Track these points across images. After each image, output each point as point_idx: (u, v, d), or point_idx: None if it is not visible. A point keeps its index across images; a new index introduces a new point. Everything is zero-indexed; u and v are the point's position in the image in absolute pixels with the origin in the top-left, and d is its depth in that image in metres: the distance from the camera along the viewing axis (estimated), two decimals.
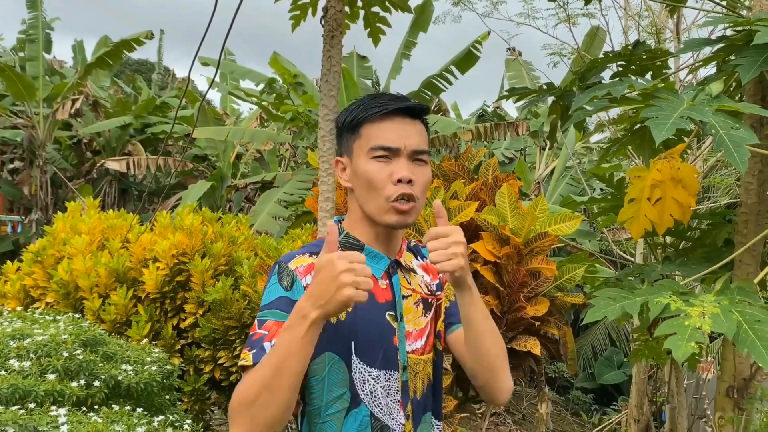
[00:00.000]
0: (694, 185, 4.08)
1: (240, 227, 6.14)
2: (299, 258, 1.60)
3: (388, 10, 4.39)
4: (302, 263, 1.58)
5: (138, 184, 14.64)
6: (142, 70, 29.74)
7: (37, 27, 13.05)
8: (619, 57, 4.44)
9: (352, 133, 1.63)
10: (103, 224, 5.69)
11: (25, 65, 13.07)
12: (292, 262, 1.59)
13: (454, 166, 4.30)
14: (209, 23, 3.45)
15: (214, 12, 3.35)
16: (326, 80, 3.59)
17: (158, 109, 13.96)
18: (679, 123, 2.79)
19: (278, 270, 1.58)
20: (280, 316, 1.50)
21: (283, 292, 1.55)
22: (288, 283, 1.56)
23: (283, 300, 1.53)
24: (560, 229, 3.87)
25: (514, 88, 4.67)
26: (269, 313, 1.52)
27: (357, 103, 1.64)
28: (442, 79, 9.75)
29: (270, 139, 10.72)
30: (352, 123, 1.62)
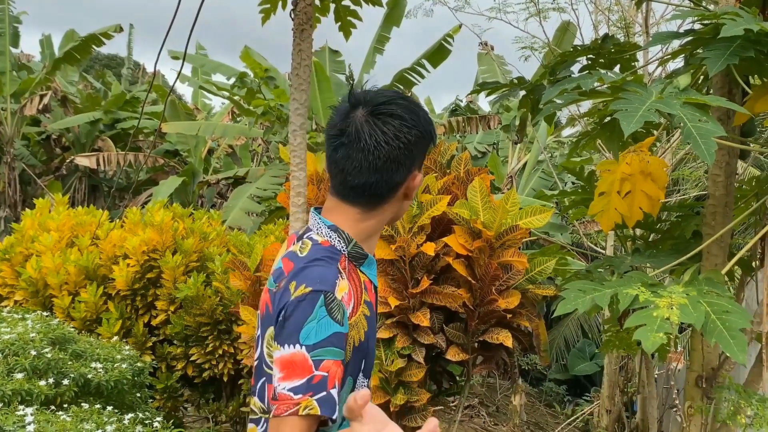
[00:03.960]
0: (663, 178, 4.14)
1: (212, 223, 6.10)
2: (339, 284, 1.44)
3: (359, 3, 4.37)
4: (344, 290, 1.45)
5: (108, 181, 14.47)
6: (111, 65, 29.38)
7: (4, 21, 12.81)
8: (588, 51, 4.47)
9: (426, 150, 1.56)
10: (72, 221, 5.62)
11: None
12: (337, 291, 1.43)
13: (427, 160, 4.30)
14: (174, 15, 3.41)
15: (179, 4, 3.32)
16: (297, 74, 3.57)
17: (128, 104, 13.80)
18: (647, 116, 2.82)
19: (326, 301, 1.39)
20: (338, 354, 1.38)
21: (338, 327, 1.39)
22: (340, 316, 1.40)
23: (338, 336, 1.39)
24: (531, 222, 3.89)
25: (486, 82, 4.68)
26: (325, 351, 1.36)
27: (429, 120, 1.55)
28: (415, 73, 9.74)
29: (242, 133, 10.65)
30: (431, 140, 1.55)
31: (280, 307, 1.40)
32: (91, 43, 11.90)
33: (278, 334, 1.40)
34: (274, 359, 1.39)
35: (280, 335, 1.39)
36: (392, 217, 1.59)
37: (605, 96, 3.27)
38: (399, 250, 3.78)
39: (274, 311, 1.44)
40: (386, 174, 1.47)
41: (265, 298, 1.52)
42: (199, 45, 14.93)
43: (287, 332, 1.37)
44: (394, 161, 1.46)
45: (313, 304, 1.37)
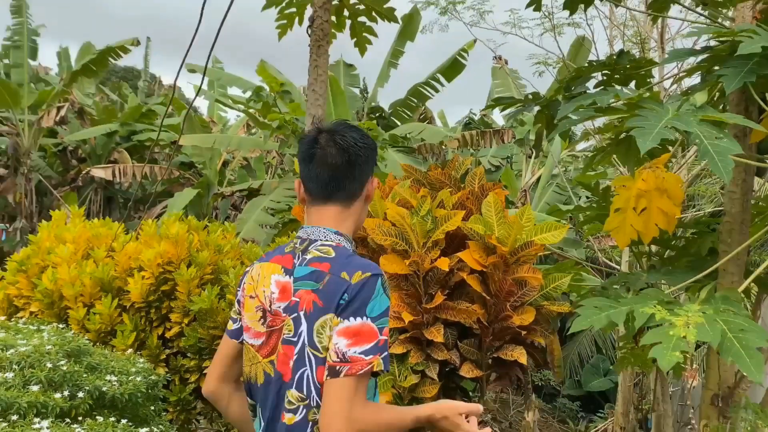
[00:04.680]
0: (679, 195, 4.12)
1: (226, 235, 6.11)
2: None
3: (375, 20, 4.41)
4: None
5: (124, 192, 14.55)
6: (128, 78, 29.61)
7: (23, 33, 12.97)
8: (603, 66, 4.46)
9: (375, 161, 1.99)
10: (89, 233, 5.64)
11: (9, 72, 12.99)
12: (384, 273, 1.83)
13: (441, 174, 4.31)
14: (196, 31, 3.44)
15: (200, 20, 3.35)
16: (313, 89, 3.60)
17: (144, 116, 13.89)
18: (663, 133, 2.82)
19: (382, 282, 1.77)
20: (388, 323, 1.77)
21: (388, 302, 1.79)
22: (389, 294, 1.81)
23: (389, 309, 1.79)
24: (546, 238, 3.88)
25: (501, 97, 4.69)
26: (384, 321, 1.74)
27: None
28: (429, 87, 9.78)
29: (257, 146, 10.69)
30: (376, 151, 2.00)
31: (341, 291, 1.72)
32: (109, 56, 12.02)
33: (343, 311, 1.71)
34: (340, 330, 1.71)
35: (345, 311, 1.71)
36: (359, 219, 1.97)
37: (621, 112, 3.26)
38: (413, 265, 3.78)
39: (329, 301, 1.73)
40: (358, 169, 1.88)
41: (307, 298, 1.76)
42: (216, 58, 15.06)
43: (354, 308, 1.71)
44: (363, 159, 1.89)
45: (374, 284, 1.74)
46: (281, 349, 1.81)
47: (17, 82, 12.56)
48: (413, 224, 3.78)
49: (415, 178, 4.37)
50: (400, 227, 3.83)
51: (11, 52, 13.02)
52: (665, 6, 4.84)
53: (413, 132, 9.21)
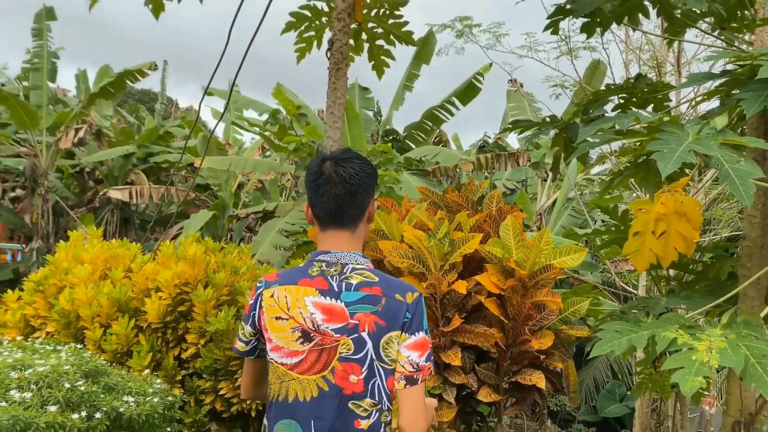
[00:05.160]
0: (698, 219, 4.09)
1: (242, 257, 6.12)
2: None
3: (393, 43, 4.44)
4: None
5: (140, 213, 14.63)
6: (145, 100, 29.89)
7: (42, 56, 13.13)
8: (620, 90, 4.47)
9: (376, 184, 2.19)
10: (106, 253, 5.67)
11: (29, 94, 13.14)
12: None
13: (458, 197, 4.30)
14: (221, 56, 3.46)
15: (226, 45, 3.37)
16: (331, 112, 3.61)
17: (161, 138, 14.00)
18: (684, 157, 2.81)
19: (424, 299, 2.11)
20: None
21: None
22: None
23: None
24: (565, 261, 3.86)
25: (518, 120, 4.69)
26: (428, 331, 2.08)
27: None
28: (444, 110, 9.81)
29: (272, 168, 10.73)
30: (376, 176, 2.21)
31: (402, 311, 2.00)
32: (126, 79, 12.14)
33: (409, 327, 2.01)
34: (409, 344, 2.01)
35: (410, 328, 2.01)
36: (364, 235, 2.17)
37: (641, 136, 3.26)
38: (430, 287, 3.77)
39: (392, 320, 1.99)
40: (360, 197, 2.06)
41: (367, 320, 1.99)
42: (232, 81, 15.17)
43: (415, 324, 2.01)
44: (364, 187, 2.08)
45: (422, 302, 2.04)
46: (339, 366, 2.00)
47: (36, 104, 12.70)
48: (430, 247, 3.77)
49: (432, 201, 4.36)
50: (417, 250, 3.82)
51: (31, 75, 13.18)
52: (681, 30, 4.85)
53: (428, 155, 9.22)
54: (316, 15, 4.24)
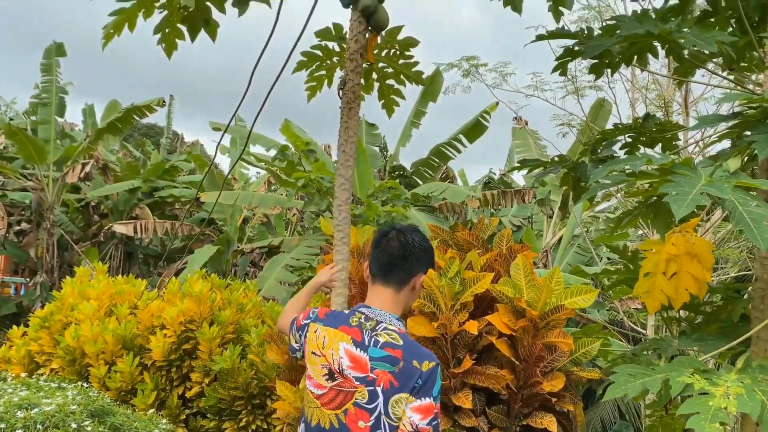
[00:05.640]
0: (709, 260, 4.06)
1: (248, 294, 6.10)
2: None
3: (403, 82, 4.45)
4: None
5: (144, 248, 14.61)
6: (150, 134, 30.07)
7: (51, 91, 13.25)
8: (628, 129, 4.47)
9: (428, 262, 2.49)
10: (112, 290, 5.66)
11: (37, 128, 13.22)
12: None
13: (468, 236, 4.28)
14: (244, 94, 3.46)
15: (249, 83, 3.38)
16: (343, 150, 3.61)
17: (167, 172, 14.04)
18: (698, 199, 2.80)
19: (440, 369, 2.28)
20: None
21: (441, 384, 2.29)
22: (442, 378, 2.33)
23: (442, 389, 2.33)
24: (577, 302, 3.82)
25: (526, 159, 4.69)
26: (438, 398, 2.25)
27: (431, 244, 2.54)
28: (451, 147, 9.87)
29: (278, 203, 10.74)
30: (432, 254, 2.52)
31: (415, 377, 2.20)
32: (134, 114, 12.23)
33: (417, 392, 2.19)
34: (414, 407, 2.20)
35: (419, 393, 2.19)
36: (406, 304, 2.44)
37: (653, 177, 3.24)
38: (441, 327, 3.73)
39: (404, 383, 2.20)
40: (410, 263, 2.38)
41: (384, 377, 2.22)
42: (239, 117, 15.26)
43: (425, 390, 2.20)
44: (417, 257, 2.40)
45: (437, 372, 2.23)
46: (352, 410, 2.26)
47: (44, 139, 12.78)
48: (441, 286, 3.74)
49: (442, 239, 4.34)
50: (428, 288, 3.79)
51: (39, 109, 13.28)
52: (690, 71, 4.87)
53: (435, 191, 9.24)
54: (328, 55, 4.26)
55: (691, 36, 3.64)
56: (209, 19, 3.75)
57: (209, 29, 3.80)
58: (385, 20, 3.77)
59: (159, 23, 3.83)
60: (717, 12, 4.36)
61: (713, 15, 4.41)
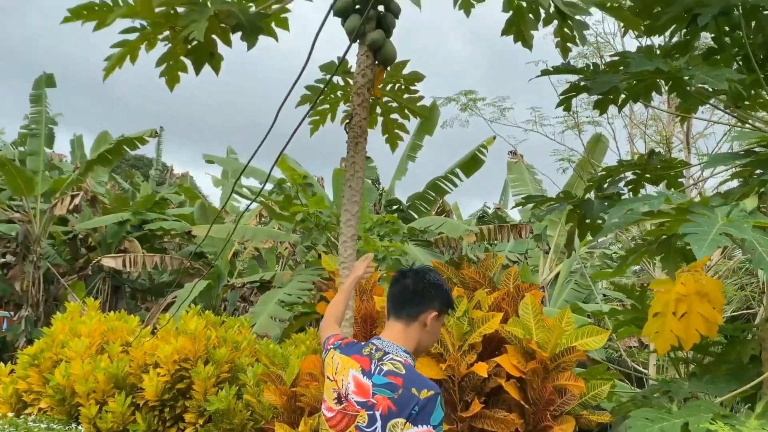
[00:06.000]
0: (720, 300, 3.99)
1: (242, 331, 5.96)
2: None
3: (407, 116, 4.39)
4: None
5: (132, 282, 14.38)
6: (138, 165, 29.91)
7: (40, 122, 13.08)
8: (633, 166, 4.42)
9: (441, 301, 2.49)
10: (104, 326, 5.51)
11: (25, 159, 13.04)
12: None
13: (475, 273, 4.19)
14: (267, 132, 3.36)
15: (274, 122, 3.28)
16: (350, 186, 3.53)
17: (157, 205, 13.86)
18: (719, 239, 2.74)
19: (440, 399, 2.25)
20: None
21: (443, 413, 2.27)
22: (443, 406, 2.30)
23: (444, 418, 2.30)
24: (588, 343, 3.73)
25: (531, 195, 4.64)
26: (441, 428, 2.26)
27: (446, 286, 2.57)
28: (447, 182, 9.81)
29: (271, 237, 10.61)
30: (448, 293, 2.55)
31: (412, 404, 2.21)
32: (125, 146, 12.11)
33: (414, 419, 2.20)
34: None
35: (416, 419, 2.20)
36: (419, 340, 2.46)
37: (669, 217, 3.18)
38: (448, 369, 3.62)
39: (402, 408, 2.22)
40: (420, 297, 2.44)
41: (384, 403, 2.26)
42: (230, 149, 15.17)
43: (422, 417, 2.21)
44: (428, 293, 2.45)
45: (436, 400, 2.23)
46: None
47: (32, 170, 12.59)
48: (449, 326, 3.64)
49: (447, 276, 4.25)
50: None
51: (28, 140, 13.10)
52: (694, 107, 4.85)
53: (432, 225, 9.16)
54: (332, 89, 4.20)
55: (701, 74, 3.62)
56: (214, 52, 3.68)
57: (213, 62, 3.73)
58: (393, 55, 3.72)
59: (162, 56, 3.76)
60: (722, 50, 4.34)
61: (718, 53, 4.39)
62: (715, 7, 3.96)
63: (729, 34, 4.30)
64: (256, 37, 3.38)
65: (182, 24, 3.25)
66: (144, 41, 3.65)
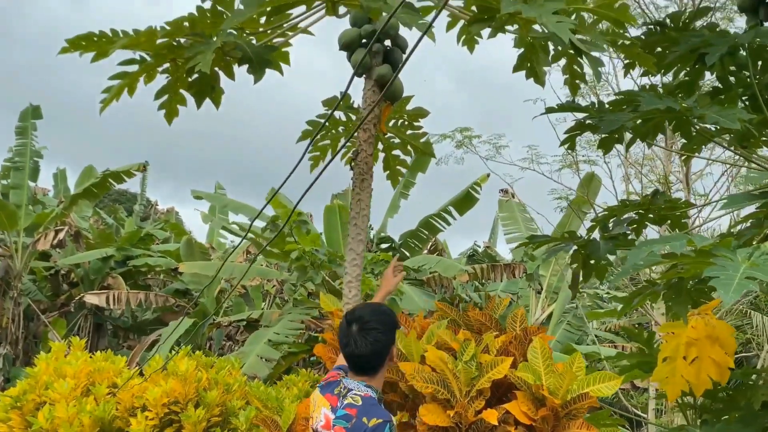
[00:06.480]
0: (732, 344, 3.90)
1: (233, 372, 5.78)
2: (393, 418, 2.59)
3: (409, 153, 4.32)
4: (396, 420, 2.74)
5: (114, 319, 14.08)
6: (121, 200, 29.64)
7: (25, 155, 12.89)
8: (636, 206, 4.36)
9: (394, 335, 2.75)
10: (90, 367, 5.31)
11: (8, 193, 12.82)
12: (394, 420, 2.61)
13: (480, 315, 4.07)
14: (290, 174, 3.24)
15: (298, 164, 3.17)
16: (355, 224, 3.42)
17: (141, 241, 13.65)
18: (745, 284, 2.65)
19: (391, 427, 2.46)
20: None
21: None
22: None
23: None
24: (601, 389, 3.59)
25: (534, 235, 4.56)
26: None
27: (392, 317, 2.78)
28: (441, 219, 9.75)
29: (260, 275, 10.45)
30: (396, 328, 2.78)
31: (362, 431, 2.44)
32: (112, 180, 11.95)
33: None
34: None
35: None
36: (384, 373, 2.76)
37: (690, 260, 3.09)
38: (456, 416, 3.47)
39: None
40: (374, 359, 2.64)
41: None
42: (219, 185, 15.03)
43: None
44: (377, 353, 2.63)
45: (384, 427, 2.44)
46: None
47: (15, 204, 12.36)
48: (457, 371, 3.50)
49: (452, 319, 4.12)
50: (441, 373, 3.55)
51: (12, 173, 12.89)
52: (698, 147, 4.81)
53: (426, 264, 9.07)
54: (334, 124, 4.12)
55: (713, 113, 3.57)
56: (216, 86, 3.59)
57: (214, 95, 3.63)
58: (400, 90, 3.65)
59: (161, 89, 3.66)
60: (728, 89, 4.31)
61: (723, 92, 4.36)
62: (723, 46, 3.92)
63: (734, 74, 4.28)
64: (263, 71, 3.30)
65: (186, 56, 3.15)
66: (144, 73, 3.55)
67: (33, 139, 13.09)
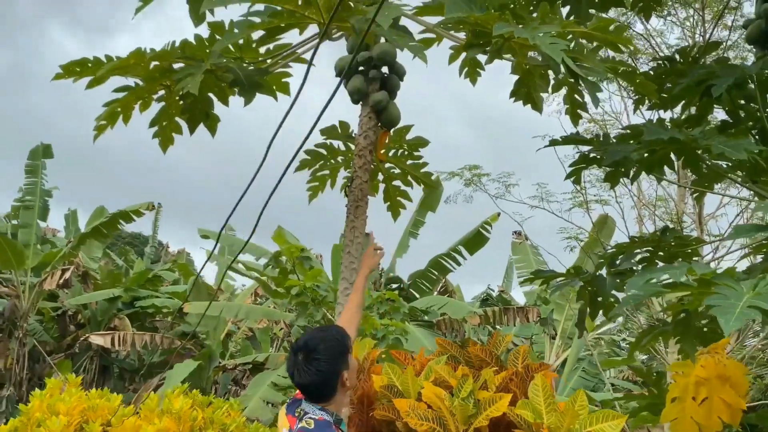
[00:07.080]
0: (744, 384, 3.73)
1: (231, 413, 5.64)
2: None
3: (410, 184, 4.23)
4: None
5: (120, 361, 13.94)
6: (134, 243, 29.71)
7: (35, 193, 12.89)
8: (646, 243, 4.26)
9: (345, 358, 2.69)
10: (84, 404, 5.19)
11: (17, 232, 12.81)
12: None
13: (481, 351, 3.93)
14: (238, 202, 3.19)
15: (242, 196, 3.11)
16: (348, 251, 3.33)
17: (149, 282, 13.58)
18: (747, 313, 2.53)
19: None
20: None
21: None
22: None
23: None
24: (603, 429, 3.42)
25: (540, 270, 4.43)
26: None
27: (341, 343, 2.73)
28: (450, 259, 9.64)
29: (267, 316, 10.32)
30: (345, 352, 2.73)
31: None
32: (121, 219, 11.92)
33: None
34: None
35: None
36: (343, 398, 2.75)
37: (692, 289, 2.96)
38: None
39: None
40: (320, 388, 2.60)
41: None
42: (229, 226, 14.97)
43: None
44: (323, 382, 2.59)
45: None
46: None
47: (24, 243, 12.34)
48: (453, 407, 3.35)
49: (451, 355, 3.98)
50: (438, 410, 3.40)
51: (21, 212, 12.89)
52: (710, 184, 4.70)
53: (435, 305, 8.92)
54: (332, 154, 4.05)
55: (718, 143, 3.47)
56: (210, 113, 3.54)
57: (209, 123, 3.59)
58: (397, 116, 3.59)
59: (156, 116, 3.63)
60: (737, 123, 4.23)
61: (732, 126, 4.28)
62: (729, 78, 3.84)
63: (743, 107, 4.20)
64: (254, 94, 3.25)
65: (176, 78, 3.11)
66: (138, 99, 3.52)
67: (43, 178, 13.11)
